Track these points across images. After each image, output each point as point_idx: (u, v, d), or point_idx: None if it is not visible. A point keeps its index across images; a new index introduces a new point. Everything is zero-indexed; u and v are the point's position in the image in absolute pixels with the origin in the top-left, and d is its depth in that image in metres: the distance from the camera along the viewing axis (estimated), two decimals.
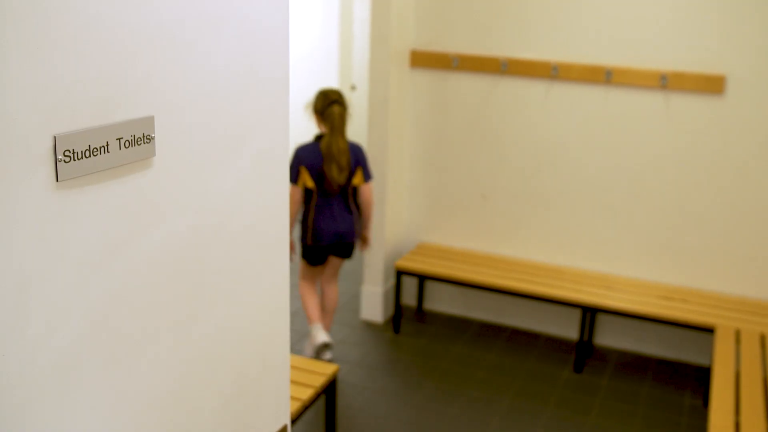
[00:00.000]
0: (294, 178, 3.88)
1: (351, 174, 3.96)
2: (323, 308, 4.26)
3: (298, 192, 3.90)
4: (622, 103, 4.17)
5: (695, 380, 4.17)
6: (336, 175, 3.88)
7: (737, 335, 3.70)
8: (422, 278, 4.65)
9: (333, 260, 4.17)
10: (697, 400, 3.98)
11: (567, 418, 3.79)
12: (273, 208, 1.52)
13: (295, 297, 4.58)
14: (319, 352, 4.08)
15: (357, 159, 3.98)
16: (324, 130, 3.92)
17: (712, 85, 3.92)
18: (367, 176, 4.04)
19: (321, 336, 4.07)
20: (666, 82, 4.00)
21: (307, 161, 3.86)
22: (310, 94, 4.29)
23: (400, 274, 4.56)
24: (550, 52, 4.26)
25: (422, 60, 4.55)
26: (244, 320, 1.48)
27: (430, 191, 4.79)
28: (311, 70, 6.55)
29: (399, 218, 4.81)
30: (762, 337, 3.69)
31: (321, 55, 6.87)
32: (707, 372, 4.05)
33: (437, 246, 4.80)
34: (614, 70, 4.10)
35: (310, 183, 3.89)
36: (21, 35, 0.91)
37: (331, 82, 6.72)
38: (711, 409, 3.02)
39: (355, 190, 4.06)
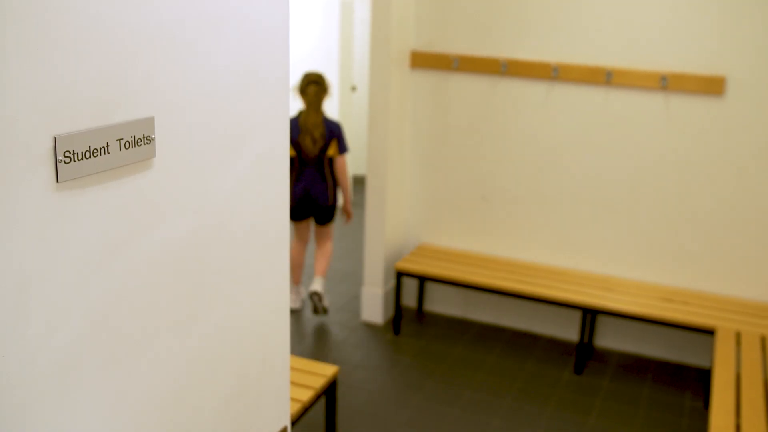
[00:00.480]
0: None
1: (325, 146, 4.51)
2: (318, 257, 4.83)
3: None
4: (623, 105, 4.17)
5: (696, 382, 4.17)
6: (309, 146, 4.48)
7: (738, 337, 3.70)
8: (422, 279, 4.65)
9: (318, 226, 4.76)
10: (697, 402, 3.97)
11: (567, 419, 3.78)
12: (273, 209, 1.51)
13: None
14: (313, 300, 4.66)
15: (332, 133, 4.54)
16: (304, 106, 4.53)
17: (712, 87, 3.92)
18: (341, 149, 4.59)
19: (313, 285, 4.67)
20: (666, 84, 4.00)
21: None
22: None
23: (400, 275, 4.56)
24: (551, 53, 4.26)
25: (422, 61, 4.55)
26: (244, 320, 1.48)
27: (430, 192, 4.79)
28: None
29: (399, 219, 4.81)
30: (762, 339, 3.69)
31: (321, 55, 6.88)
32: (708, 374, 4.05)
33: (437, 247, 4.80)
34: (614, 71, 4.10)
35: (292, 152, 4.51)
36: (21, 35, 0.91)
37: (332, 83, 6.72)
38: (711, 410, 3.02)
39: (331, 161, 4.60)
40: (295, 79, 4.86)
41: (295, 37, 6.65)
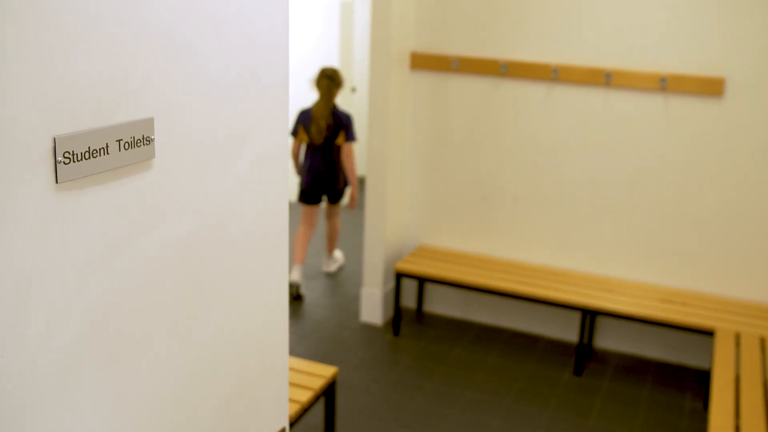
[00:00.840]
0: (293, 133, 5.06)
1: (333, 135, 4.99)
2: (328, 235, 5.43)
3: (296, 145, 5.10)
4: (622, 106, 4.17)
5: (695, 383, 4.17)
6: (315, 134, 4.97)
7: (737, 338, 3.70)
8: (422, 280, 4.65)
9: (328, 204, 5.29)
10: (697, 403, 3.97)
11: (567, 420, 3.78)
12: (273, 209, 1.52)
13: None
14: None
15: (342, 123, 4.98)
16: (317, 98, 5.02)
17: (711, 88, 3.92)
18: (348, 137, 5.02)
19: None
20: (665, 85, 4.01)
21: (303, 121, 5.03)
22: (310, 95, 5.31)
23: (399, 276, 4.56)
24: (550, 55, 4.26)
25: (422, 62, 4.56)
26: (243, 320, 1.48)
27: (430, 193, 4.79)
28: (312, 72, 6.54)
29: (399, 220, 4.82)
30: (762, 340, 3.69)
31: (321, 56, 6.88)
32: (707, 375, 4.05)
33: (437, 248, 4.80)
34: (614, 72, 4.11)
35: (305, 138, 5.04)
36: (21, 35, 0.91)
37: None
38: (711, 412, 3.02)
39: (340, 149, 5.06)
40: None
41: (295, 37, 6.65)
